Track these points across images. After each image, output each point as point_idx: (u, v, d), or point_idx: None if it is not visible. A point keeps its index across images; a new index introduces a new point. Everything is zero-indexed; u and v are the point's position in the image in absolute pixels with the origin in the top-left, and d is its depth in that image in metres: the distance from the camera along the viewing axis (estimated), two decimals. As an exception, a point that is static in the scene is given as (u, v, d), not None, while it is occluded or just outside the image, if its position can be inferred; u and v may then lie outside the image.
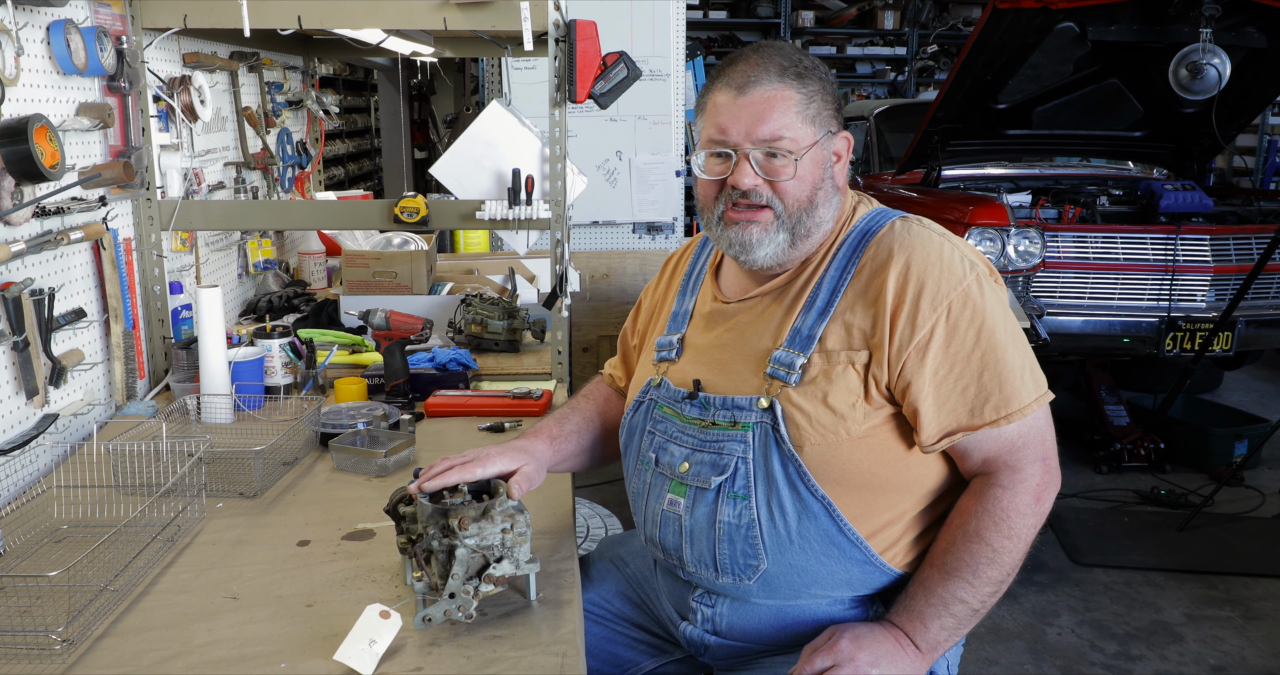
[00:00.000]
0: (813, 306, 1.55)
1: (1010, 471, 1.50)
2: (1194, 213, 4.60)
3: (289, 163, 3.85)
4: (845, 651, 1.49)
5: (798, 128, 1.53)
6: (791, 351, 1.53)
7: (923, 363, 1.47)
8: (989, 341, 1.48)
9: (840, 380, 1.50)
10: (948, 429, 1.48)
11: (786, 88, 1.53)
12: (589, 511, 4.11)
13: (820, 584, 1.56)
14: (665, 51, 4.89)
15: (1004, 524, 1.48)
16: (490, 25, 2.50)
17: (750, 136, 1.53)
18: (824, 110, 1.56)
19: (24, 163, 1.92)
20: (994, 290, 1.52)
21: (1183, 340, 4.39)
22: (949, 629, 1.50)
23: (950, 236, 1.56)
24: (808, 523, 1.52)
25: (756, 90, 1.53)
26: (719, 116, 1.56)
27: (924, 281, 1.48)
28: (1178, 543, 4.04)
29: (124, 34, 2.40)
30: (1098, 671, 3.18)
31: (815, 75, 1.56)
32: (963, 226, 4.35)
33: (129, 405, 2.40)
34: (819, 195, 1.56)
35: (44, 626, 1.39)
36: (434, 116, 8.89)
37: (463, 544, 1.43)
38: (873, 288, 1.51)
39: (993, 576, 1.49)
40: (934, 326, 1.47)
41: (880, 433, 1.51)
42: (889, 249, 1.53)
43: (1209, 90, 4.33)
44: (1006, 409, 1.47)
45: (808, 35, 10.92)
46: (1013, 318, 1.53)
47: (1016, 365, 1.49)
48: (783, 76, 1.53)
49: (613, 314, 5.10)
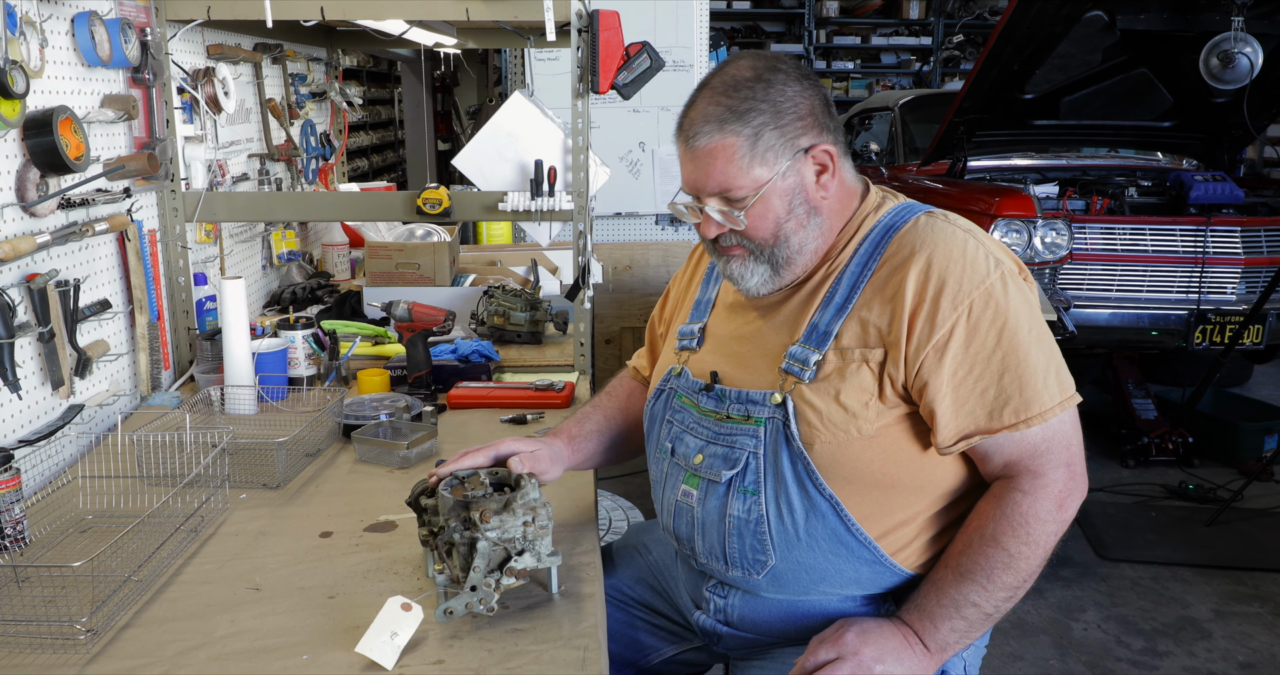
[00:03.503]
0: (831, 302, 1.53)
1: (1032, 476, 1.46)
2: (1224, 204, 4.54)
3: (313, 154, 3.86)
4: (850, 645, 1.47)
5: (744, 176, 1.50)
6: (807, 347, 1.52)
7: (941, 363, 1.44)
8: (1011, 343, 1.44)
9: (854, 378, 1.48)
10: (965, 431, 1.45)
11: (726, 136, 1.49)
12: (611, 504, 4.10)
13: (829, 581, 1.55)
14: (689, 42, 4.87)
15: (1022, 530, 1.45)
16: (513, 16, 2.49)
17: (702, 191, 1.54)
18: (777, 141, 1.50)
19: (49, 154, 1.93)
20: (1020, 289, 1.47)
21: (1212, 333, 4.34)
22: (959, 631, 1.48)
23: (976, 232, 1.52)
24: (815, 521, 1.51)
25: (699, 143, 1.51)
26: (681, 165, 1.57)
27: (945, 279, 1.44)
28: (1206, 538, 3.99)
29: (148, 26, 2.41)
30: (1124, 667, 3.15)
31: (760, 108, 1.49)
32: (989, 218, 4.31)
33: (153, 396, 2.41)
34: (786, 227, 1.53)
35: (68, 616, 1.40)
36: (457, 108, 8.91)
37: (484, 537, 1.43)
38: (892, 284, 1.48)
39: (1008, 582, 1.46)
40: (954, 326, 1.43)
41: (893, 432, 1.48)
42: (911, 246, 1.50)
43: (1240, 79, 4.26)
44: (1026, 413, 1.43)
45: (832, 25, 10.86)
46: (1039, 317, 1.49)
47: (1040, 368, 1.44)
48: (723, 125, 1.49)
49: (635, 306, 5.09)
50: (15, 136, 1.91)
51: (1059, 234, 4.31)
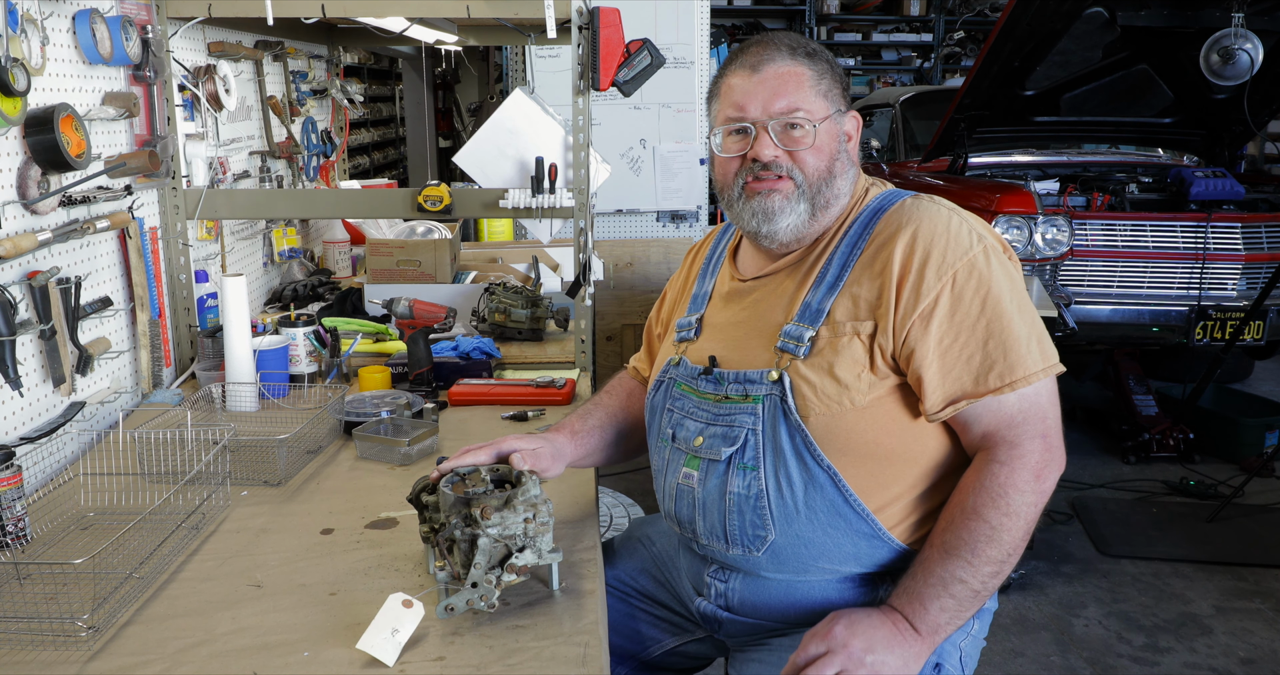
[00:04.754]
0: (823, 281, 1.59)
1: (1008, 447, 1.49)
2: (1225, 200, 4.53)
3: (314, 151, 3.86)
4: (839, 638, 1.48)
5: (812, 101, 1.60)
6: (801, 325, 1.56)
7: (927, 330, 1.49)
8: (994, 310, 1.49)
9: (846, 351, 1.52)
10: (952, 396, 1.49)
11: (799, 65, 1.60)
12: (612, 501, 4.11)
13: (827, 557, 1.57)
14: (689, 39, 4.86)
15: (1001, 501, 1.47)
16: (513, 13, 2.49)
17: (768, 110, 1.59)
18: (834, 88, 1.63)
19: (50, 152, 1.94)
20: (1002, 263, 1.54)
21: (1213, 329, 4.34)
22: (949, 610, 1.49)
23: (960, 211, 1.58)
24: (814, 493, 1.53)
25: (770, 67, 1.60)
26: (735, 96, 1.62)
27: (930, 251, 1.51)
28: (1207, 534, 3.99)
29: (149, 23, 2.41)
30: (1125, 663, 3.16)
31: (823, 56, 1.64)
32: (990, 214, 4.30)
33: (155, 393, 2.41)
34: (836, 166, 1.62)
35: (70, 613, 1.40)
36: (458, 105, 8.91)
37: (485, 533, 1.43)
38: (880, 259, 1.54)
39: (992, 556, 1.47)
40: (939, 294, 1.49)
41: (885, 403, 1.52)
42: (897, 223, 1.57)
43: (1241, 76, 4.26)
44: (1011, 376, 1.47)
45: (833, 22, 10.84)
46: (1021, 290, 1.54)
47: (1022, 335, 1.49)
48: (794, 55, 1.61)
49: (636, 302, 5.09)
50: (16, 134, 1.91)
51: (1060, 230, 4.30)
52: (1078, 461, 4.68)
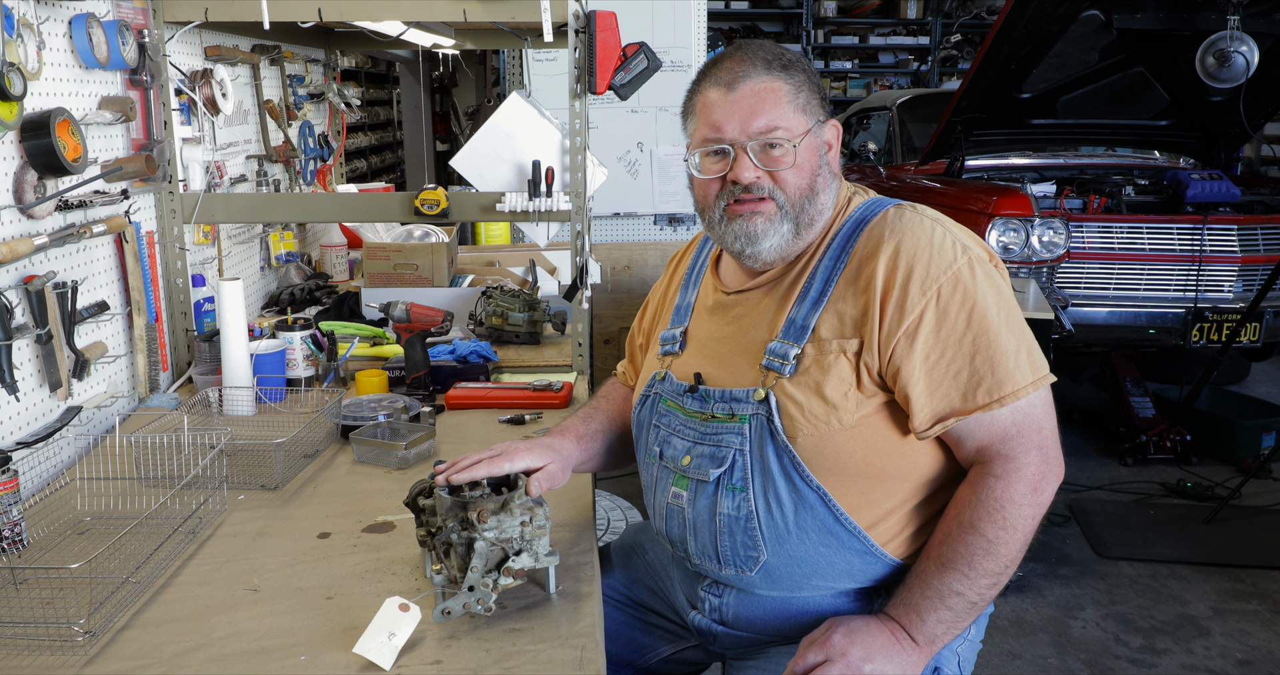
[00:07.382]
0: (807, 296, 1.56)
1: (1004, 460, 1.47)
2: (1221, 202, 4.55)
3: (311, 155, 3.86)
4: (838, 646, 1.48)
5: (791, 117, 1.55)
6: (786, 342, 1.54)
7: (913, 347, 1.46)
8: (981, 324, 1.46)
9: (833, 370, 1.49)
10: (940, 413, 1.47)
11: (775, 79, 1.55)
12: (609, 504, 4.11)
13: (821, 575, 1.56)
14: (686, 42, 4.87)
15: (999, 515, 1.45)
16: (510, 17, 2.50)
17: (746, 131, 1.54)
18: (812, 99, 1.58)
19: (47, 156, 1.94)
20: (988, 274, 1.50)
21: (1209, 331, 4.35)
22: (946, 622, 1.49)
23: (944, 221, 1.55)
24: (804, 513, 1.52)
25: (746, 85, 1.54)
26: (711, 114, 1.56)
27: (913, 266, 1.47)
28: (1204, 535, 4.00)
29: (145, 28, 2.41)
30: (1123, 665, 3.16)
31: (799, 67, 1.58)
32: (986, 217, 4.31)
33: (151, 398, 2.41)
34: (818, 182, 1.58)
35: (66, 618, 1.40)
36: (456, 108, 8.91)
37: (482, 537, 1.43)
38: (864, 275, 1.51)
39: (989, 568, 1.46)
40: (923, 310, 1.46)
41: (874, 421, 1.50)
42: (879, 237, 1.53)
43: (1236, 78, 4.27)
44: (1000, 392, 1.45)
45: (830, 25, 10.87)
46: (1009, 300, 1.51)
47: (1010, 348, 1.46)
48: (769, 69, 1.55)
49: (634, 306, 5.09)
50: (13, 138, 1.91)
51: (1056, 233, 4.31)
52: (1075, 463, 4.68)
